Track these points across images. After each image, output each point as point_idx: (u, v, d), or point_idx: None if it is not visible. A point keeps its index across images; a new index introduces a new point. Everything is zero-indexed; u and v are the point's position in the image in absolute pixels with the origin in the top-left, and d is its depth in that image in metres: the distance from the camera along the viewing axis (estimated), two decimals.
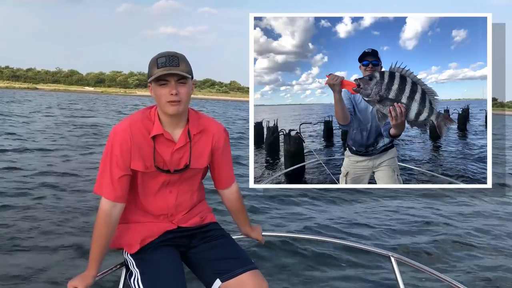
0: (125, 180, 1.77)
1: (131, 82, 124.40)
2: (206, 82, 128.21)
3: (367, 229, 6.11)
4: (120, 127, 1.78)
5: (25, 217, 6.08)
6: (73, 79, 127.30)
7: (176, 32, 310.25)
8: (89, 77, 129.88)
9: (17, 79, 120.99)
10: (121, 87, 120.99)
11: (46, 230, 5.64)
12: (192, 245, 1.94)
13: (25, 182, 8.08)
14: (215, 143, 1.93)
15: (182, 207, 1.92)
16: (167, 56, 1.72)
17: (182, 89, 1.73)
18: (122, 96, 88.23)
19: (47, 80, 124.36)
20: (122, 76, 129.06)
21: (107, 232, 1.75)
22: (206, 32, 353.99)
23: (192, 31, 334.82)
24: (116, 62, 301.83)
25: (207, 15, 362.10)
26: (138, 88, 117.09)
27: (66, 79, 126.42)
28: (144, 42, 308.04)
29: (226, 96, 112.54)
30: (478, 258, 5.06)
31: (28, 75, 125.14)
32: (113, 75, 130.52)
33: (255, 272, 1.83)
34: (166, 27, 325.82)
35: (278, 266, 4.64)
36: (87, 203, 6.76)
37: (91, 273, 1.72)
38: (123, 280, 1.85)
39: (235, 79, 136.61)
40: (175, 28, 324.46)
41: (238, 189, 2.09)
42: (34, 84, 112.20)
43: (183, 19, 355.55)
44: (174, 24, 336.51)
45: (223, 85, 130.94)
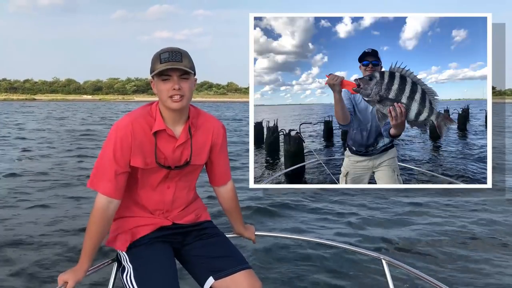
0: (123, 177, 1.76)
1: (128, 88, 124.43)
2: (203, 85, 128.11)
3: (366, 230, 6.11)
4: (121, 123, 1.78)
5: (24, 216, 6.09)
6: (70, 88, 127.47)
7: (171, 36, 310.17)
8: (86, 86, 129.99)
9: (15, 91, 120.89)
10: (119, 94, 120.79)
11: (39, 227, 5.66)
12: (186, 242, 1.93)
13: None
14: (214, 139, 1.93)
15: (178, 204, 1.92)
16: (170, 52, 1.72)
17: (185, 85, 1.73)
18: (120, 102, 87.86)
19: (44, 90, 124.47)
20: (119, 83, 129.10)
21: (102, 227, 1.74)
22: (201, 35, 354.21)
23: (187, 34, 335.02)
24: (112, 69, 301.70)
25: (202, 17, 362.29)
26: (136, 94, 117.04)
27: (64, 89, 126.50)
28: (139, 47, 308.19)
29: (224, 97, 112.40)
30: (475, 261, 5.05)
31: (26, 86, 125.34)
32: (111, 82, 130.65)
33: (248, 271, 1.83)
34: (161, 32, 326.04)
35: (272, 266, 4.65)
36: (86, 202, 6.77)
37: (83, 267, 1.70)
38: (114, 275, 1.84)
39: (233, 80, 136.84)
40: (171, 32, 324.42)
41: (233, 187, 2.08)
42: (31, 95, 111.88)
43: (178, 23, 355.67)
44: (169, 28, 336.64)
45: (221, 86, 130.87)
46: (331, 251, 4.97)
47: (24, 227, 5.79)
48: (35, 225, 5.88)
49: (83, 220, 5.95)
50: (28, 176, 9.28)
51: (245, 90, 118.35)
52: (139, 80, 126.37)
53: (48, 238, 5.36)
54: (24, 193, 7.70)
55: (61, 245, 5.11)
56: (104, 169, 1.75)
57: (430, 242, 5.60)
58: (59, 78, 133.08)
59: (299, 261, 4.82)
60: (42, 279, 4.21)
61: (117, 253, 1.87)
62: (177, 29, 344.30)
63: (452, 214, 6.91)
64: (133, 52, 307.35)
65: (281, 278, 4.42)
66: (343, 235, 5.85)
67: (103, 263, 1.85)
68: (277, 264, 4.72)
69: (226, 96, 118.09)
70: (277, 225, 6.25)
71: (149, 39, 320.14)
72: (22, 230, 5.66)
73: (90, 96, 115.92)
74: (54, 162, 11.37)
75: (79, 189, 8.00)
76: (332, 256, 4.90)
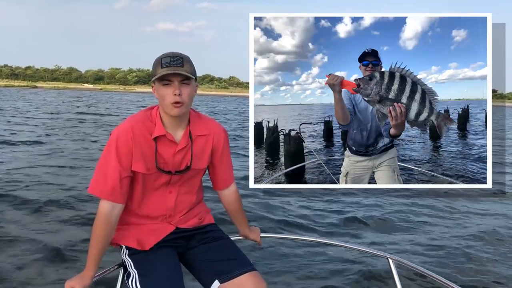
0: (125, 182, 1.76)
1: (130, 79, 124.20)
2: (205, 78, 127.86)
3: (366, 230, 6.11)
4: (121, 128, 1.78)
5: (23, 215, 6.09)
6: (72, 76, 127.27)
7: (175, 28, 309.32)
8: (88, 75, 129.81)
9: (16, 77, 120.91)
10: (120, 84, 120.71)
11: (43, 229, 5.65)
12: (190, 246, 1.93)
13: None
14: (215, 144, 1.93)
15: (181, 208, 1.92)
16: (172, 56, 1.73)
17: (185, 90, 1.73)
18: (121, 93, 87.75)
19: (46, 78, 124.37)
20: (121, 73, 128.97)
21: (106, 233, 1.74)
22: (205, 28, 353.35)
23: (190, 26, 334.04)
24: (115, 59, 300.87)
25: (206, 10, 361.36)
26: (138, 85, 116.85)
27: (65, 77, 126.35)
28: (143, 38, 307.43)
29: (225, 91, 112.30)
30: (478, 260, 5.05)
31: (27, 73, 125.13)
32: (112, 72, 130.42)
33: (254, 273, 1.83)
34: (164, 23, 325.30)
35: (277, 268, 4.64)
36: (84, 202, 6.76)
37: (89, 274, 1.71)
38: (121, 281, 1.84)
39: (234, 74, 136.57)
40: (174, 24, 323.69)
41: (236, 190, 2.08)
42: (33, 82, 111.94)
43: (181, 15, 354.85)
44: (172, 20, 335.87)
45: (222, 80, 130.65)
46: (337, 252, 4.96)
47: (24, 227, 5.79)
48: (35, 225, 5.87)
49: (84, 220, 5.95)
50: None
51: (247, 84, 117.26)
52: (141, 71, 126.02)
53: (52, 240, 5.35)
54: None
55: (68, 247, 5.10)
56: (106, 174, 1.75)
57: (431, 242, 5.60)
58: (61, 66, 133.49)
59: (305, 262, 4.81)
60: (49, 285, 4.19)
61: (122, 258, 1.87)
62: (181, 21, 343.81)
63: (452, 214, 6.92)
64: (136, 43, 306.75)
65: (286, 279, 4.40)
66: (344, 235, 5.85)
67: (109, 268, 1.85)
68: (283, 265, 4.70)
69: (227, 90, 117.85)
70: (277, 225, 6.24)
71: (152, 30, 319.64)
72: (22, 230, 5.65)
73: (92, 85, 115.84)
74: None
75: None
76: (338, 257, 4.89)
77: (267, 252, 4.92)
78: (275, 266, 4.69)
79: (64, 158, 11.39)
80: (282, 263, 4.77)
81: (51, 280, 4.23)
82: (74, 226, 5.90)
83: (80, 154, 12.08)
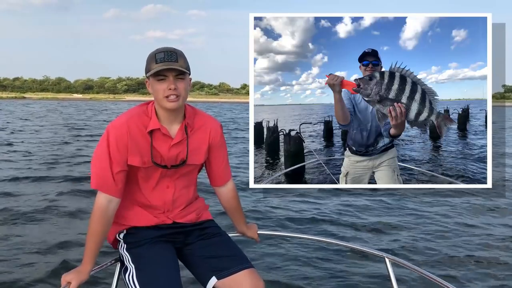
0: (121, 176, 1.77)
1: (119, 88, 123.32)
2: (195, 85, 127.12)
3: (365, 230, 6.11)
4: (117, 123, 1.78)
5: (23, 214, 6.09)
6: (61, 86, 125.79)
7: (164, 36, 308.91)
8: (77, 84, 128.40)
9: (4, 88, 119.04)
10: (109, 93, 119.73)
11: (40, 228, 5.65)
12: (188, 242, 1.93)
13: None
14: (212, 139, 1.93)
15: (179, 203, 1.92)
16: (166, 52, 1.73)
17: (180, 84, 1.74)
18: (111, 102, 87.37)
19: (34, 88, 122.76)
20: (110, 82, 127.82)
21: (103, 227, 1.74)
22: (195, 35, 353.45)
23: (180, 34, 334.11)
24: (104, 68, 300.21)
25: (196, 17, 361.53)
26: (127, 93, 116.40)
27: (54, 87, 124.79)
28: (132, 46, 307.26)
29: (216, 98, 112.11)
30: (475, 260, 5.06)
31: (15, 84, 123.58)
32: (102, 81, 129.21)
33: (251, 271, 1.83)
34: (154, 31, 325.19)
35: (274, 265, 4.65)
36: (84, 202, 6.77)
37: (86, 268, 1.71)
38: (117, 275, 1.85)
39: (224, 80, 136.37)
40: (164, 32, 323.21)
41: (234, 186, 2.08)
42: (21, 93, 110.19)
43: (171, 23, 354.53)
44: (162, 28, 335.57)
45: (213, 87, 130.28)
46: (334, 250, 4.97)
47: (24, 227, 5.79)
48: (36, 225, 5.88)
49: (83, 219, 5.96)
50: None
51: (237, 90, 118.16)
52: (130, 79, 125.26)
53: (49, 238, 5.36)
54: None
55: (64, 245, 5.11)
56: (102, 168, 1.75)
57: (431, 242, 5.60)
58: (50, 76, 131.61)
59: (302, 260, 4.82)
60: (45, 279, 4.20)
61: (119, 253, 1.87)
62: (170, 28, 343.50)
63: (452, 214, 6.92)
64: (125, 52, 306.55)
65: (283, 277, 4.42)
66: (344, 234, 5.85)
67: (106, 263, 1.85)
68: (280, 263, 4.72)
69: (217, 96, 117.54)
70: (278, 224, 6.24)
71: (142, 38, 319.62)
72: (21, 231, 5.66)
73: (81, 95, 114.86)
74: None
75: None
76: (335, 255, 4.90)
77: (265, 250, 4.93)
78: (272, 263, 4.70)
79: (61, 158, 11.40)
80: (279, 260, 4.79)
81: (48, 275, 4.25)
82: (71, 220, 5.93)
83: (78, 153, 12.10)
